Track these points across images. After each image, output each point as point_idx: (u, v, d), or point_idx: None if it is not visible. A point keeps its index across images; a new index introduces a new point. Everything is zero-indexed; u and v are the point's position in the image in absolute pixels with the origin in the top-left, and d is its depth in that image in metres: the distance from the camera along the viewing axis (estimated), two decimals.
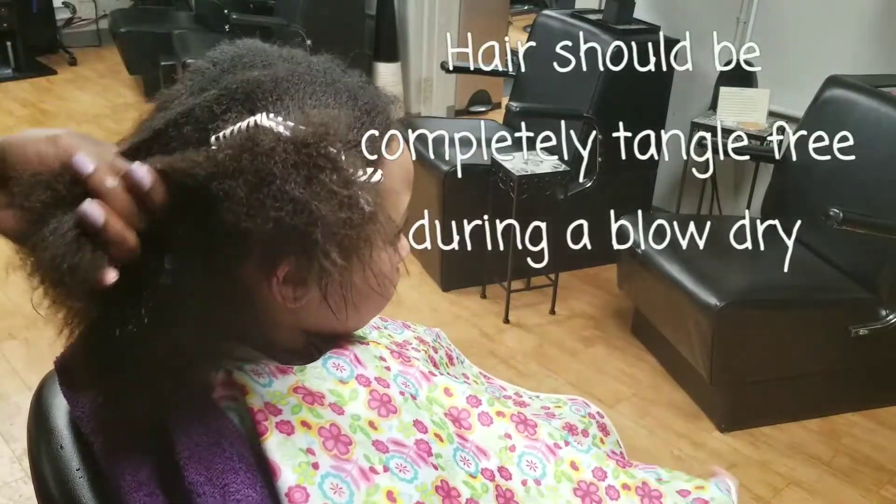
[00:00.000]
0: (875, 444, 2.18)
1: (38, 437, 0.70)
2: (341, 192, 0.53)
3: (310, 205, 0.51)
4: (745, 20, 2.90)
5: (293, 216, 0.51)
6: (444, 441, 0.69)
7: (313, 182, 0.52)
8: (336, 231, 0.53)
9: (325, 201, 0.52)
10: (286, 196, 0.51)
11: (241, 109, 0.57)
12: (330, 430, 0.61)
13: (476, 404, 0.76)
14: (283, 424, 0.60)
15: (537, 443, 0.75)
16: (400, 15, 4.29)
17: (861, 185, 2.15)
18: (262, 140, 0.52)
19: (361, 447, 0.62)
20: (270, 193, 0.51)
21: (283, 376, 0.63)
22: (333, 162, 0.53)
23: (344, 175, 0.54)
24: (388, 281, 0.70)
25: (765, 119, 2.68)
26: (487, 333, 2.62)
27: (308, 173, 0.52)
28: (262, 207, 0.51)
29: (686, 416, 2.26)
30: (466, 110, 4.68)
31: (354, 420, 0.64)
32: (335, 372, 0.66)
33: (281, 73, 0.60)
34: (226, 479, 0.57)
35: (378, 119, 0.64)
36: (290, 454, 0.58)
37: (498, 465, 0.72)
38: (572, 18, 3.01)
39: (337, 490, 0.58)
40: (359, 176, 0.56)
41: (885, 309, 2.10)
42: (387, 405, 0.67)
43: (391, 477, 0.62)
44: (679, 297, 2.11)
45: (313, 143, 0.53)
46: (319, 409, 0.62)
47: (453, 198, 2.59)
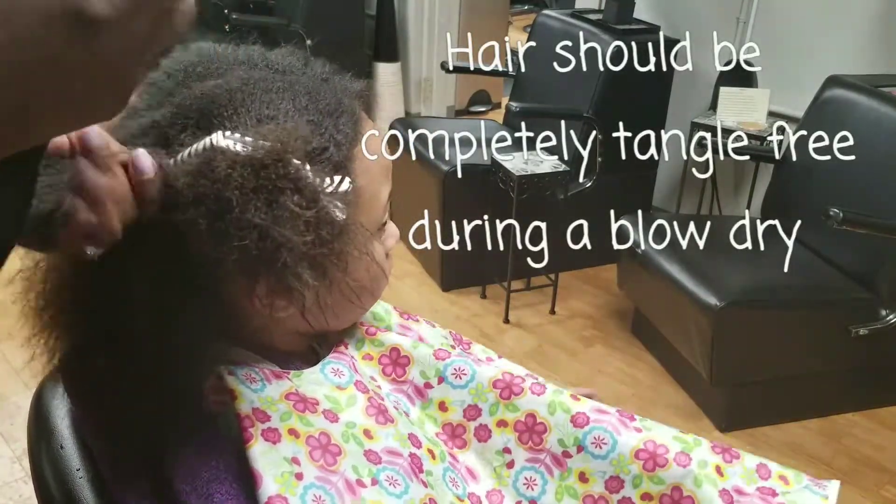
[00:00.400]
0: (875, 444, 2.18)
1: (39, 437, 0.70)
2: (305, 213, 0.51)
3: (272, 231, 0.50)
4: (745, 20, 2.90)
5: (257, 243, 0.50)
6: (435, 458, 0.68)
7: (274, 206, 0.50)
8: (305, 252, 0.52)
9: (289, 225, 0.50)
10: (248, 223, 0.49)
11: (195, 128, 0.54)
12: (319, 438, 0.60)
13: (474, 416, 0.73)
14: (270, 432, 0.58)
15: (542, 454, 0.71)
16: (400, 15, 4.29)
17: (861, 185, 2.15)
18: (218, 166, 0.50)
19: (351, 458, 0.60)
20: (232, 221, 0.49)
21: (278, 381, 0.62)
22: (294, 182, 0.51)
23: (308, 193, 0.52)
24: (380, 272, 0.68)
25: (765, 119, 2.68)
26: (487, 333, 2.62)
27: (268, 197, 0.50)
28: (226, 236, 0.49)
29: (686, 416, 2.26)
30: (466, 110, 4.68)
31: (348, 428, 0.62)
32: (333, 377, 0.65)
33: (234, 84, 0.57)
34: (210, 489, 0.56)
35: (342, 120, 0.61)
36: (273, 463, 0.57)
37: (489, 488, 0.71)
38: (572, 18, 3.01)
39: (319, 502, 0.57)
40: (326, 187, 0.54)
41: (885, 309, 2.10)
42: (384, 413, 0.66)
43: (378, 491, 0.60)
44: (679, 297, 2.11)
45: (271, 165, 0.50)
46: (310, 417, 0.61)
47: (453, 198, 2.59)
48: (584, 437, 0.71)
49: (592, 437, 0.71)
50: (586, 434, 0.71)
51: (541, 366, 2.45)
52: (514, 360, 0.84)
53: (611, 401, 0.82)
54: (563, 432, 0.72)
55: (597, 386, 2.37)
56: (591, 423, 0.72)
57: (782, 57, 2.77)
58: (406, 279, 2.90)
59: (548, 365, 2.46)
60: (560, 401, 0.73)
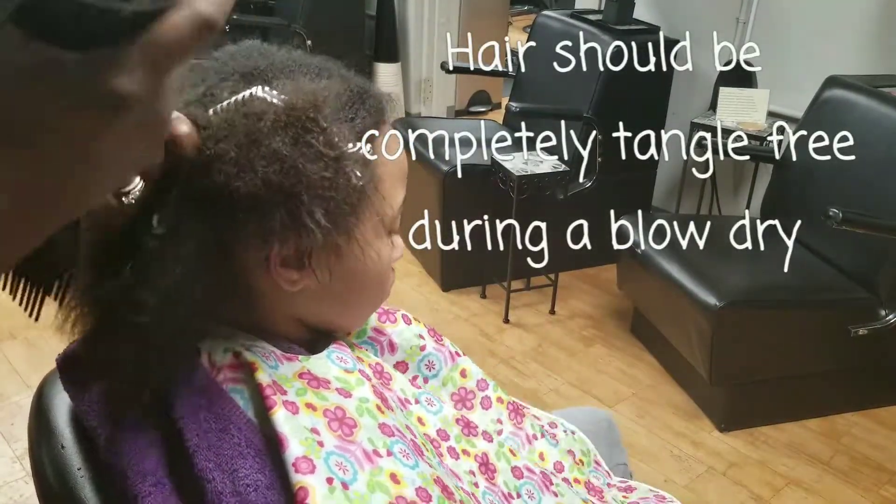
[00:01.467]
0: (874, 444, 2.18)
1: (39, 436, 0.70)
2: (328, 152, 0.55)
3: (296, 163, 0.54)
4: (745, 20, 2.90)
5: (280, 174, 0.53)
6: (428, 451, 0.70)
7: (300, 142, 0.54)
8: (321, 193, 0.55)
9: (312, 162, 0.54)
10: (274, 155, 0.53)
11: (238, 82, 0.58)
12: (335, 412, 0.62)
13: (446, 437, 0.78)
14: (289, 404, 0.60)
15: (496, 487, 0.78)
16: (400, 15, 4.29)
17: (861, 185, 2.15)
18: (255, 105, 0.54)
19: (366, 430, 0.62)
20: (260, 153, 0.53)
21: (289, 362, 0.64)
22: (321, 127, 0.55)
23: (330, 138, 0.56)
24: (384, 274, 0.70)
25: (764, 119, 2.68)
26: (487, 333, 2.62)
27: (295, 133, 0.54)
28: (251, 166, 0.53)
29: (685, 415, 2.26)
30: (466, 110, 4.68)
31: (362, 402, 0.64)
32: (339, 363, 0.67)
33: (278, 60, 0.61)
34: (235, 465, 0.57)
35: (369, 102, 0.64)
36: (296, 429, 0.58)
37: (471, 492, 0.75)
38: (572, 19, 3.01)
39: (342, 468, 0.58)
40: (348, 146, 0.58)
41: (884, 309, 2.10)
42: (385, 402, 0.68)
43: (394, 461, 0.62)
44: (679, 297, 2.12)
45: (301, 108, 0.55)
46: (325, 392, 0.63)
47: (453, 198, 2.60)
48: (521, 486, 0.81)
49: (526, 489, 0.82)
50: (522, 485, 0.82)
51: (541, 366, 2.46)
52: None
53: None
54: (506, 477, 0.81)
55: (597, 386, 2.37)
56: (525, 478, 0.83)
57: (782, 57, 2.78)
58: (406, 279, 2.90)
59: (548, 365, 2.46)
60: (504, 452, 0.83)
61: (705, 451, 2.13)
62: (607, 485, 0.99)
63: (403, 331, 0.84)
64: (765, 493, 2.00)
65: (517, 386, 2.34)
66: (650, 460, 2.08)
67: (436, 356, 0.85)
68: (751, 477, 2.05)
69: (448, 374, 0.85)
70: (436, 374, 0.85)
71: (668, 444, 2.15)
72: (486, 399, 0.87)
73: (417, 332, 0.85)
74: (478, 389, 0.87)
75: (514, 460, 0.84)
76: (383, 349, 0.83)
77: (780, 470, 2.07)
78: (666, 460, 2.08)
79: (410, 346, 0.83)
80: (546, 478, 0.85)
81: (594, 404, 2.28)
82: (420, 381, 0.84)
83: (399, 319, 0.84)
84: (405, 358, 0.84)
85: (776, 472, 2.07)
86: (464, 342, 2.51)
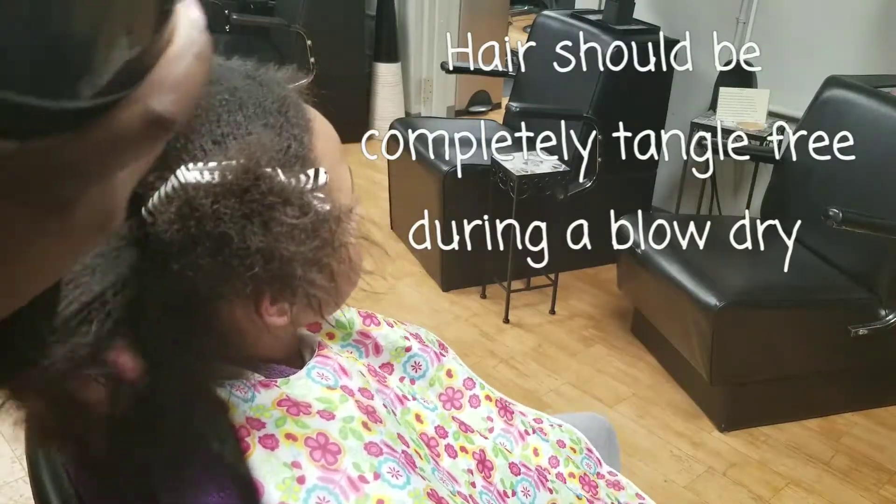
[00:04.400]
0: (874, 444, 2.18)
1: None
2: (302, 221, 0.49)
3: (278, 250, 0.49)
4: (745, 20, 2.90)
5: (265, 266, 0.48)
6: (422, 459, 0.69)
7: (271, 224, 0.48)
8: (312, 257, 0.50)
9: (292, 239, 0.49)
10: (249, 251, 0.48)
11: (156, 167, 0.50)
12: (317, 439, 0.60)
13: (444, 435, 0.78)
14: (267, 439, 0.58)
15: (491, 486, 0.78)
16: (400, 15, 4.29)
17: (861, 185, 2.15)
18: (201, 203, 0.47)
19: (351, 455, 0.60)
20: (234, 253, 0.48)
21: (266, 390, 0.61)
22: (281, 194, 0.49)
23: (296, 200, 0.50)
24: (360, 255, 0.65)
25: (764, 119, 2.68)
26: (487, 333, 2.62)
27: (262, 219, 0.48)
28: (231, 269, 0.48)
29: (686, 415, 2.26)
30: (466, 110, 4.68)
31: (346, 423, 0.62)
32: (320, 381, 0.65)
33: None
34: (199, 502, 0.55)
35: (290, 113, 0.58)
36: (273, 470, 0.57)
37: (468, 493, 0.75)
38: (572, 19, 3.01)
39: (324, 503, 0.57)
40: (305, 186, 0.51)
41: (884, 309, 2.10)
42: (372, 415, 0.66)
43: (382, 484, 0.60)
44: (679, 297, 2.12)
45: (252, 186, 0.48)
46: (305, 419, 0.60)
47: (453, 198, 2.59)
48: (517, 483, 0.81)
49: (522, 487, 0.82)
50: (518, 482, 0.82)
51: (541, 366, 2.45)
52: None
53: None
54: (503, 474, 0.80)
55: (597, 386, 2.37)
56: (521, 474, 0.83)
57: (782, 57, 2.78)
58: (406, 279, 2.90)
59: (548, 365, 2.46)
60: (501, 448, 0.84)
61: (705, 451, 2.13)
62: (597, 474, 0.99)
63: (388, 333, 0.84)
64: (765, 493, 1.99)
65: (517, 386, 2.34)
66: (650, 460, 2.08)
67: (422, 357, 0.86)
68: (751, 477, 2.04)
69: (434, 374, 0.86)
70: (422, 375, 0.85)
71: (668, 444, 2.15)
72: (475, 398, 0.88)
73: (402, 333, 0.85)
74: (465, 388, 0.88)
75: (510, 457, 0.84)
76: (368, 351, 0.82)
77: (780, 470, 2.07)
78: (666, 460, 2.08)
79: (395, 348, 0.83)
80: (542, 475, 0.85)
81: (594, 404, 2.28)
82: (407, 382, 0.84)
83: (382, 322, 0.84)
84: (391, 359, 0.83)
85: (776, 472, 2.06)
86: (464, 342, 2.51)
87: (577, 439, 1.00)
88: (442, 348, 0.93)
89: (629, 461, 2.03)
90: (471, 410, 0.87)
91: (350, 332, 0.81)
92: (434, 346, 0.89)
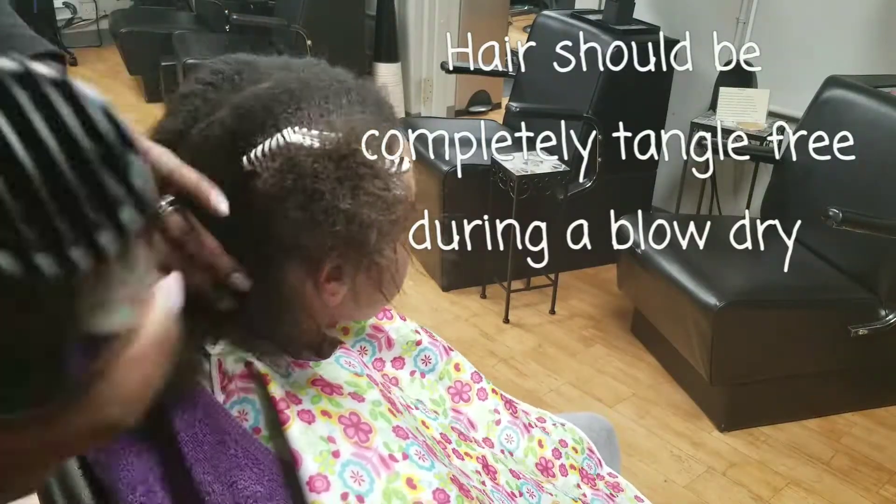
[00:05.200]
0: (874, 444, 2.18)
1: None
2: (385, 194, 0.57)
3: (361, 214, 0.55)
4: (745, 20, 2.90)
5: (347, 226, 0.55)
6: (439, 453, 0.72)
7: (359, 191, 0.55)
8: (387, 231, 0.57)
9: (374, 207, 0.56)
10: (336, 209, 0.54)
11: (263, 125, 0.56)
12: (350, 418, 0.63)
13: (449, 441, 0.80)
14: (304, 413, 0.61)
15: (499, 487, 0.80)
16: (400, 15, 4.29)
17: (861, 185, 2.15)
18: (302, 161, 0.54)
19: (381, 435, 0.63)
20: (321, 209, 0.54)
21: (301, 370, 0.65)
22: (372, 167, 0.56)
23: (384, 176, 0.57)
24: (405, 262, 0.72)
25: (764, 119, 2.68)
26: (487, 333, 2.62)
27: (353, 184, 0.55)
28: (316, 223, 0.54)
29: (686, 415, 2.26)
30: (466, 110, 4.68)
31: (375, 406, 0.65)
32: (348, 367, 0.68)
33: (292, 84, 0.59)
34: (233, 477, 0.57)
35: (387, 112, 0.65)
36: (311, 442, 0.59)
37: (481, 489, 0.76)
38: (572, 19, 3.01)
39: (357, 478, 0.59)
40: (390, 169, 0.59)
41: (884, 309, 2.10)
42: (394, 405, 0.69)
43: (410, 464, 0.63)
44: (679, 297, 2.12)
45: (350, 155, 0.55)
46: (339, 399, 0.64)
47: (453, 198, 2.59)
48: (521, 486, 0.84)
49: (526, 489, 0.84)
50: (522, 485, 0.84)
51: (541, 366, 2.46)
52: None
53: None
54: (507, 477, 0.82)
55: (597, 386, 2.37)
56: (521, 479, 0.84)
57: (782, 57, 2.78)
58: (406, 279, 2.90)
59: (548, 365, 2.46)
60: (500, 457, 0.86)
61: (705, 451, 2.13)
62: (597, 475, 1.00)
63: (400, 327, 0.86)
64: (765, 493, 2.00)
65: (517, 386, 2.34)
66: (650, 460, 2.08)
67: (431, 350, 0.88)
68: (751, 477, 2.04)
69: (444, 367, 0.88)
70: (432, 369, 0.87)
71: (668, 444, 2.15)
72: (482, 391, 0.90)
73: (413, 327, 0.87)
74: (473, 382, 0.90)
75: (510, 464, 0.85)
76: (381, 346, 0.84)
77: (780, 470, 2.07)
78: (666, 460, 2.08)
79: (407, 342, 0.85)
80: (538, 485, 0.87)
81: (594, 404, 2.28)
82: (417, 375, 0.86)
83: (395, 316, 0.86)
84: (402, 353, 0.85)
85: (776, 472, 2.07)
86: (464, 342, 2.51)
87: (579, 439, 1.00)
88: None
89: (629, 461, 2.03)
90: (479, 403, 0.89)
91: (364, 327, 0.83)
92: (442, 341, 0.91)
